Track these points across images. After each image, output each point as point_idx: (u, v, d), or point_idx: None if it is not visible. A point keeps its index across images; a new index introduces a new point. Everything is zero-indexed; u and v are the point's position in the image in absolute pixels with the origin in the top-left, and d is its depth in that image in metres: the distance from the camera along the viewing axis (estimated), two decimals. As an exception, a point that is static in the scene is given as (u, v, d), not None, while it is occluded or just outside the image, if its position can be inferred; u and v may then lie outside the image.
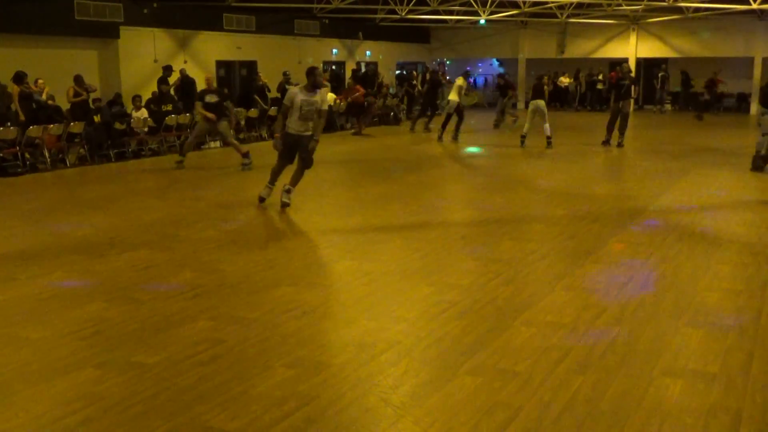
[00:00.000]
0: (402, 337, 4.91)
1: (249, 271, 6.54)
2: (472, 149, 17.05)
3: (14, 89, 13.35)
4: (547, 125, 16.04)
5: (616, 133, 16.29)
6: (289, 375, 4.29)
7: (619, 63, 27.46)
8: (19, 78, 13.30)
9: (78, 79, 14.91)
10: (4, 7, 14.92)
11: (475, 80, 33.15)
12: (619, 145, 16.12)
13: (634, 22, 27.13)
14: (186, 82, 17.65)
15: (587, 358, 4.52)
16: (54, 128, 13.45)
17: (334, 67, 25.60)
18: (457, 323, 5.16)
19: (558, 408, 3.85)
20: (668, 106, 27.78)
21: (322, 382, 4.18)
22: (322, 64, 24.23)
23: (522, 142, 16.18)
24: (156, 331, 5.04)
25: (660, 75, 27.10)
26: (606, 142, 16.36)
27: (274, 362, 4.47)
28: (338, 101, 20.91)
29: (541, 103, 16.16)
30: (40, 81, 14.23)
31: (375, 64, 27.08)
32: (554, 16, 25.39)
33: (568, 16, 25.50)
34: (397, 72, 28.83)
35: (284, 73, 20.35)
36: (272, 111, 18.95)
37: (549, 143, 16.04)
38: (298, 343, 4.83)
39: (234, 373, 4.31)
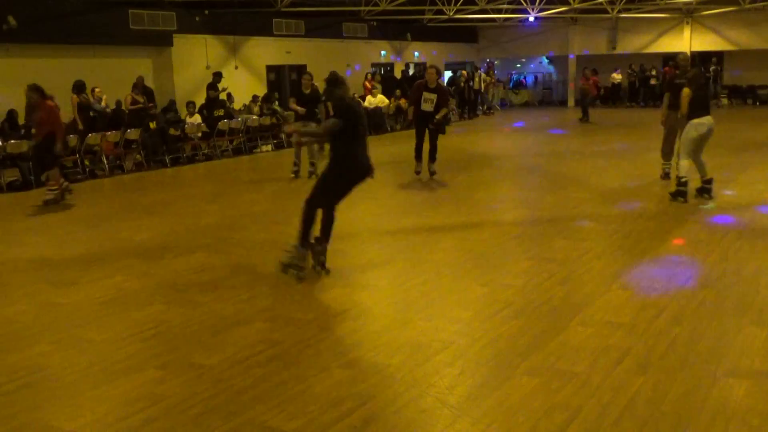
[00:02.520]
0: (457, 337, 4.88)
1: (303, 273, 6.58)
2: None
3: (73, 99, 13.71)
4: None
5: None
6: (346, 376, 4.31)
7: (672, 57, 27.13)
8: (79, 88, 13.65)
9: (137, 85, 15.27)
10: (63, 19, 15.36)
11: (525, 78, 32.88)
12: (666, 175, 11.18)
13: (687, 15, 26.52)
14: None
15: (647, 358, 4.44)
16: (112, 135, 13.78)
17: (381, 70, 25.65)
18: (512, 324, 5.12)
19: (618, 409, 3.78)
20: (725, 100, 27.06)
21: (379, 383, 4.19)
22: (370, 66, 24.32)
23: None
24: (214, 333, 5.12)
25: (712, 69, 26.45)
26: (665, 175, 11.19)
27: (330, 363, 4.50)
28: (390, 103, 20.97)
29: None
30: (97, 90, 14.60)
31: (423, 64, 27.04)
32: (605, 11, 24.97)
33: (620, 11, 25.06)
34: (448, 73, 28.73)
35: (334, 76, 20.45)
36: (321, 114, 19.08)
37: None
38: (354, 344, 4.85)
39: (291, 374, 4.35)
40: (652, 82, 27.57)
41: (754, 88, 27.31)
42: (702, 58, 27.31)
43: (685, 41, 27.12)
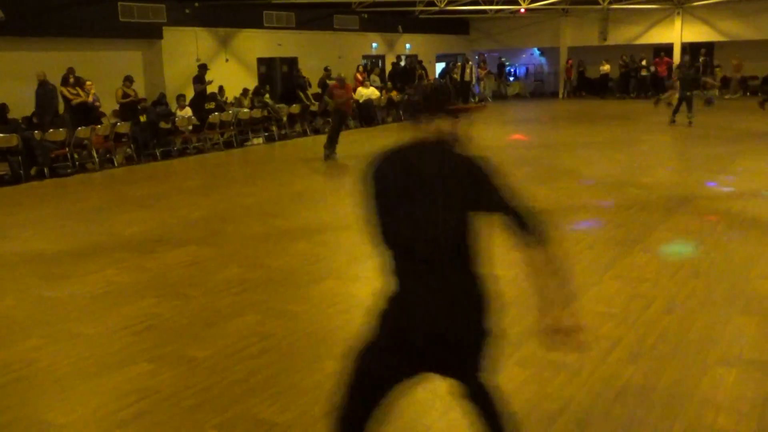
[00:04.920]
0: (449, 328, 4.88)
1: (295, 266, 6.59)
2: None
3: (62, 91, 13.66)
4: None
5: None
6: (338, 367, 4.31)
7: (663, 49, 27.17)
8: (64, 80, 13.63)
9: (127, 80, 15.24)
10: (52, 12, 15.25)
11: (515, 70, 32.87)
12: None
13: (679, 6, 26.52)
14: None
15: (638, 348, 4.46)
16: (101, 129, 13.72)
17: (379, 63, 25.59)
18: (503, 314, 5.11)
19: (609, 399, 3.80)
20: (715, 91, 27.12)
21: (371, 375, 4.19)
22: (361, 59, 24.27)
23: None
24: (206, 326, 5.12)
25: (701, 60, 26.50)
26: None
27: (323, 355, 4.50)
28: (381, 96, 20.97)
29: None
30: (87, 83, 14.53)
31: (414, 56, 27.01)
32: (596, 2, 24.97)
33: (610, 2, 25.06)
34: (440, 64, 28.70)
35: (325, 69, 20.44)
36: (314, 107, 19.06)
37: None
38: (346, 336, 4.85)
39: (283, 367, 4.35)
40: (643, 73, 27.59)
41: (745, 78, 27.38)
42: (692, 49, 27.36)
43: (676, 32, 27.14)
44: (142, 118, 14.75)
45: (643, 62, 27.59)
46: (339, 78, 14.26)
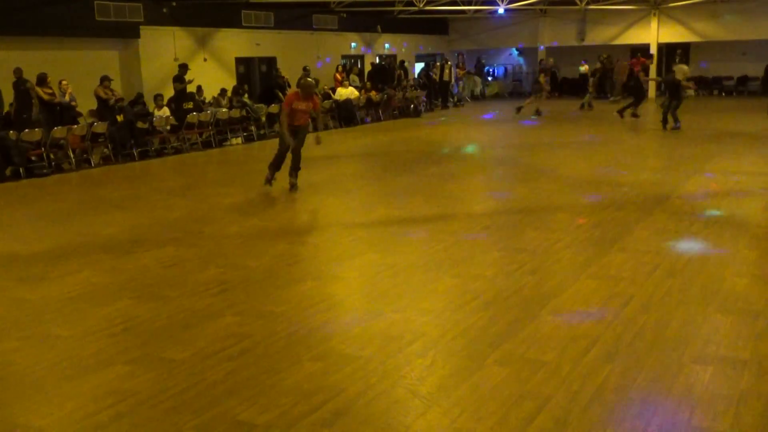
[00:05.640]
0: (428, 328, 4.91)
1: (274, 266, 6.57)
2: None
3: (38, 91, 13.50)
4: None
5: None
6: (317, 368, 4.31)
7: (640, 49, 27.43)
8: (40, 80, 13.47)
9: (106, 80, 15.10)
10: (27, 10, 15.08)
11: (494, 70, 33.00)
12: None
13: (655, 7, 26.79)
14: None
15: (615, 346, 4.50)
16: (78, 129, 13.59)
17: (359, 63, 25.60)
18: (483, 314, 5.15)
19: (587, 397, 3.83)
20: (690, 91, 27.45)
21: (350, 375, 4.20)
22: (341, 59, 24.25)
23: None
24: (184, 327, 5.09)
25: (677, 60, 26.79)
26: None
27: (302, 356, 4.50)
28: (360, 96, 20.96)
29: None
30: (63, 82, 14.38)
31: (393, 56, 27.04)
32: (573, 3, 25.15)
33: (588, 3, 25.25)
34: (420, 64, 28.74)
35: (304, 68, 20.39)
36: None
37: None
38: (325, 337, 4.85)
39: (262, 367, 4.34)
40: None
41: (720, 79, 27.74)
42: (668, 49, 27.65)
43: (653, 33, 27.41)
44: (120, 118, 14.63)
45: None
46: (305, 83, 10.37)
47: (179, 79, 16.34)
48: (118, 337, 4.95)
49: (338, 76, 21.70)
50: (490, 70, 32.73)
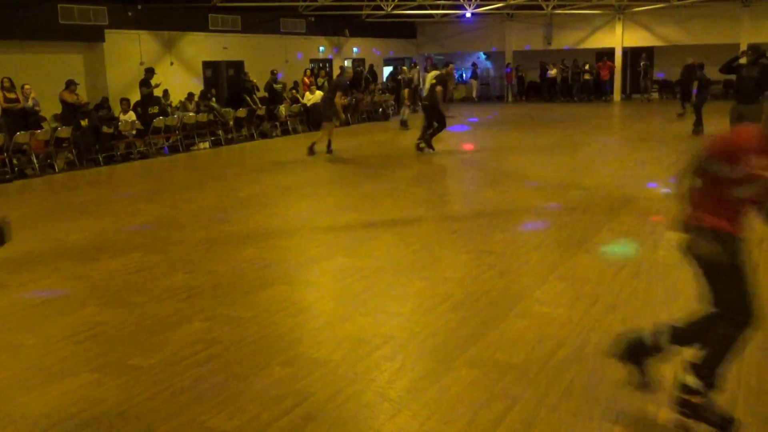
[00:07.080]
0: (397, 331, 4.92)
1: (242, 271, 6.53)
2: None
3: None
4: None
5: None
6: (286, 373, 4.29)
7: (606, 53, 27.83)
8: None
9: (72, 84, 14.90)
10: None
11: (462, 74, 33.17)
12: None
13: (620, 12, 27.17)
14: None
15: (582, 347, 4.54)
16: (41, 134, 13.39)
17: (326, 66, 25.54)
18: (451, 316, 5.17)
19: (555, 397, 3.86)
20: (654, 95, 27.94)
21: (319, 379, 4.19)
22: (309, 62, 24.19)
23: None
24: (151, 334, 5.03)
25: (642, 64, 27.24)
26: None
27: (271, 361, 4.48)
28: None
29: None
30: (26, 86, 14.16)
31: (362, 60, 27.05)
32: (540, 7, 25.39)
33: (554, 7, 25.52)
34: (389, 69, 28.77)
35: (272, 72, 20.33)
36: (261, 111, 18.93)
37: None
38: (294, 341, 4.84)
39: (230, 373, 4.31)
40: (586, 77, 28.19)
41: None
42: (633, 54, 28.04)
43: (618, 37, 27.80)
44: (84, 123, 14.44)
45: (586, 66, 28.16)
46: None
47: (145, 83, 16.18)
48: (83, 344, 4.89)
49: (306, 80, 21.63)
50: (462, 74, 32.89)
